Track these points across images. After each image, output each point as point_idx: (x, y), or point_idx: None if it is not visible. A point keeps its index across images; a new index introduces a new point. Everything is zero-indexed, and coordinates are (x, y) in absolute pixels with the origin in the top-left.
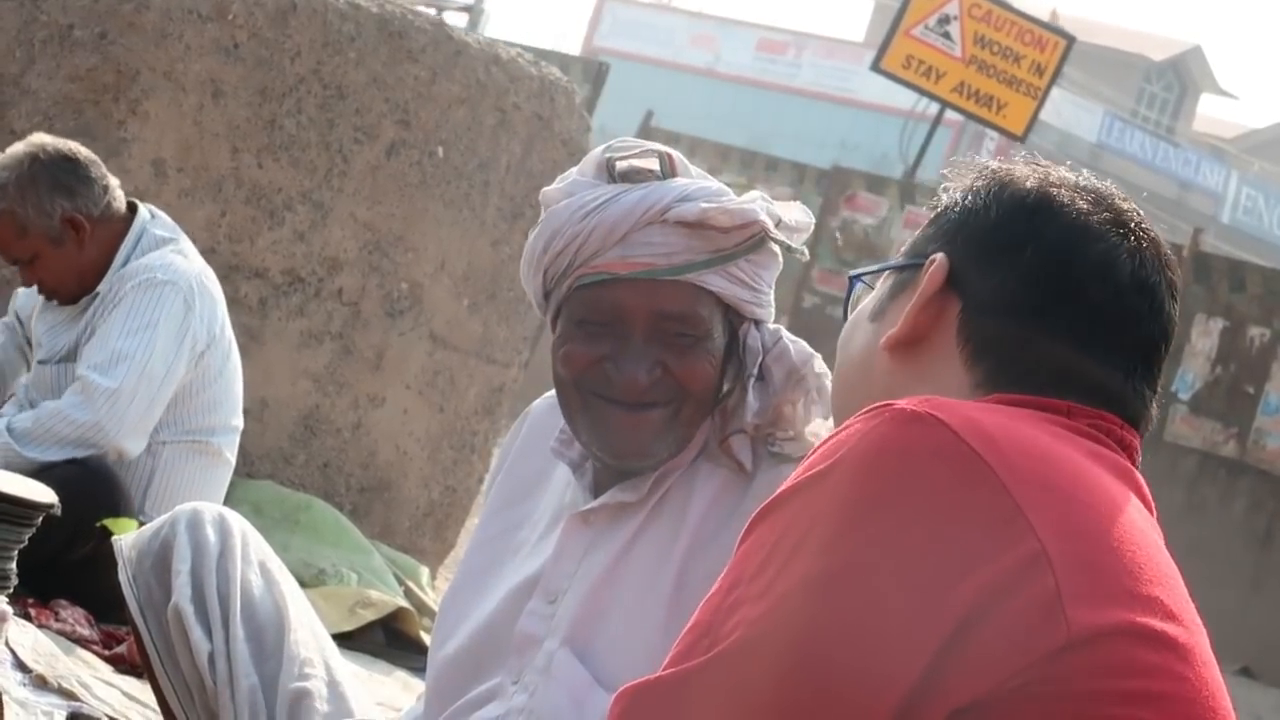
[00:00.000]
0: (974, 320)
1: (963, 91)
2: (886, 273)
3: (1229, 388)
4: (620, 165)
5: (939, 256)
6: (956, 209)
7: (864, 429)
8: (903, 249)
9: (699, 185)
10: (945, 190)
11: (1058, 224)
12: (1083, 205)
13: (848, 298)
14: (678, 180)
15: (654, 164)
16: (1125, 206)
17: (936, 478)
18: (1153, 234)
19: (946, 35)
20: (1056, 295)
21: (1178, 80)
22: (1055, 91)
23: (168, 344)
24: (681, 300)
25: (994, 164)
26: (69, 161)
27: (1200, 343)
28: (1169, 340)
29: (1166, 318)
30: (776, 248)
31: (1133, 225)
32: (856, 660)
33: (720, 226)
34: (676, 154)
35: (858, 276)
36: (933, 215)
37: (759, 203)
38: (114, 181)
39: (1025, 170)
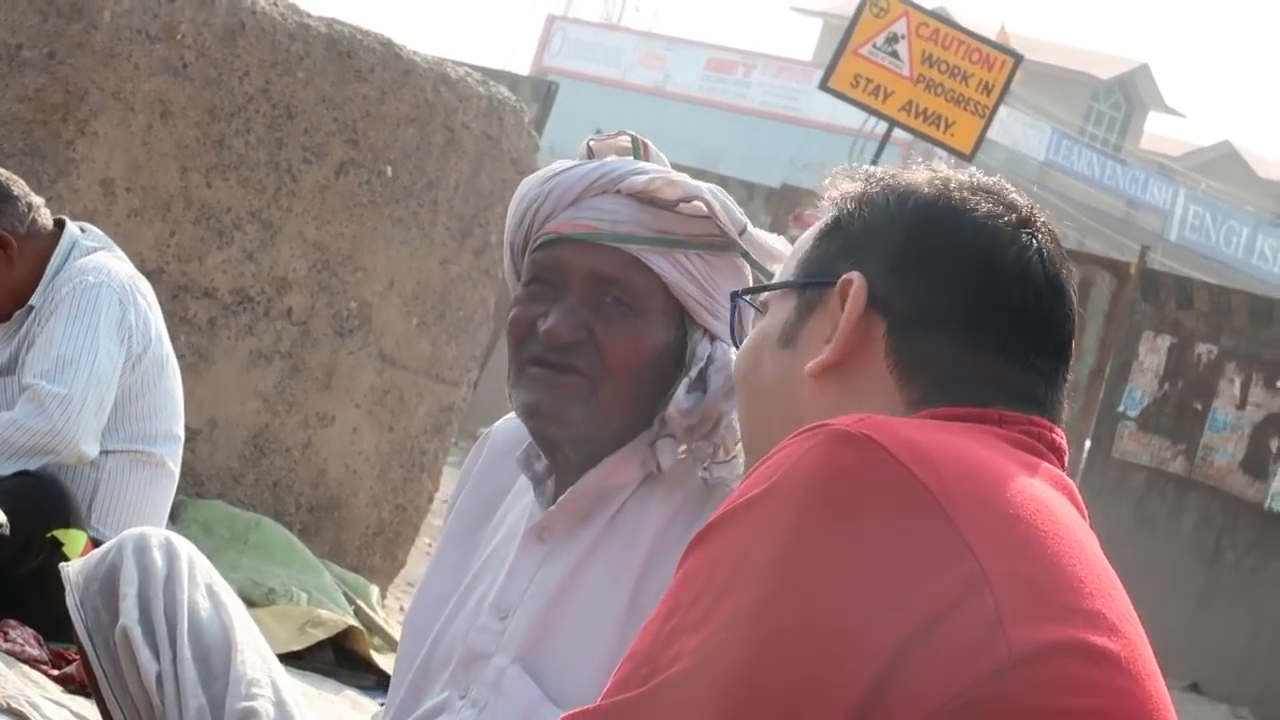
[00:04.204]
0: (903, 339)
1: (911, 110)
2: (784, 292)
3: (1177, 404)
4: (595, 146)
5: (855, 277)
6: (856, 222)
7: (799, 451)
8: (795, 265)
9: (658, 167)
10: (830, 198)
11: (969, 231)
12: (987, 208)
13: (733, 317)
14: (643, 162)
15: (627, 146)
16: (1024, 203)
17: (873, 501)
18: (1052, 230)
19: (894, 54)
20: (982, 305)
21: (1125, 99)
22: (1003, 110)
23: (110, 343)
24: (620, 266)
25: (880, 170)
26: None
27: (1148, 360)
28: (1075, 337)
29: (1075, 313)
30: (742, 265)
31: (1037, 224)
32: (797, 687)
33: (665, 199)
34: (653, 145)
35: (740, 295)
36: (825, 227)
37: (717, 193)
38: (38, 200)
39: (920, 176)
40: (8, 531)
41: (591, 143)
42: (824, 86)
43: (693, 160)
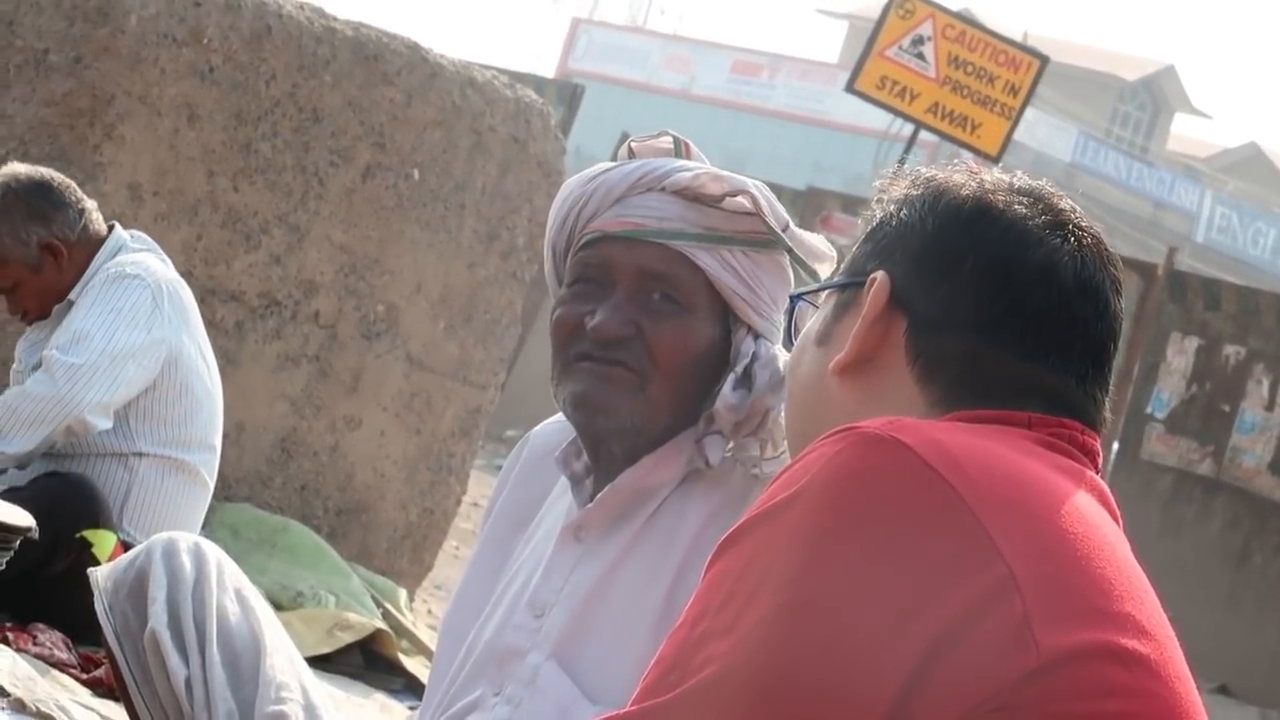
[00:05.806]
0: (921, 338)
1: (937, 112)
2: (829, 292)
3: (1205, 406)
4: (637, 147)
5: (879, 275)
6: (893, 222)
7: (827, 454)
8: (843, 266)
9: (702, 164)
10: (880, 200)
11: (995, 232)
12: (1020, 210)
13: (790, 318)
14: (686, 161)
15: (669, 146)
16: (1063, 206)
17: (901, 504)
18: (1093, 232)
19: (920, 56)
20: (1000, 306)
21: (1151, 100)
22: (1029, 112)
23: (132, 328)
24: (667, 263)
25: (929, 171)
26: (41, 188)
27: (1176, 361)
28: (1117, 340)
29: (1113, 316)
30: (785, 263)
31: (1071, 226)
32: (826, 692)
33: (711, 195)
34: (694, 145)
35: (798, 296)
36: (869, 228)
37: (762, 189)
38: (91, 204)
39: (961, 177)
40: (36, 535)
41: (633, 143)
42: (850, 88)
43: (718, 163)
